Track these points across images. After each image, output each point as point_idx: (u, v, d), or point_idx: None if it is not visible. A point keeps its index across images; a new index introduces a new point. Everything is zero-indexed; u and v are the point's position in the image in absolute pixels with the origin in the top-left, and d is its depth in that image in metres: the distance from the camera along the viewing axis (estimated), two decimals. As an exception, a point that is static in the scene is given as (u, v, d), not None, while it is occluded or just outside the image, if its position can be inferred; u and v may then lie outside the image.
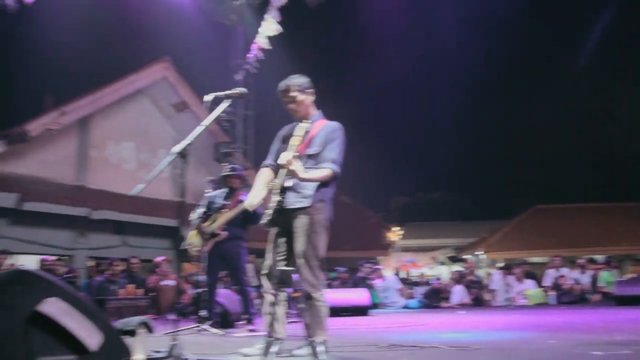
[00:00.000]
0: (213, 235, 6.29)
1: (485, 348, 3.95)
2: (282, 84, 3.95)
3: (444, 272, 22.93)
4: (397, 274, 14.70)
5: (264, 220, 3.85)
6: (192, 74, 16.97)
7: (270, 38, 14.13)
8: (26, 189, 12.79)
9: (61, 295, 2.11)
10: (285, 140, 4.05)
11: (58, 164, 14.17)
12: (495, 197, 35.31)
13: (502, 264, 15.23)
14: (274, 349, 3.72)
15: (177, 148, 3.51)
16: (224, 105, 3.94)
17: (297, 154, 3.67)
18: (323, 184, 3.83)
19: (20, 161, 13.31)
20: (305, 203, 3.78)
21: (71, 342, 2.12)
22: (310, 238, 3.75)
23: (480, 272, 18.17)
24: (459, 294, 12.65)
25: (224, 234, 6.27)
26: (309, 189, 3.81)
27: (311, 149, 3.88)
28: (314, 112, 4.03)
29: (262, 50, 14.48)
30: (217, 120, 3.76)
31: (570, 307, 10.48)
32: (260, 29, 14.07)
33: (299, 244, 3.76)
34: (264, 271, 3.97)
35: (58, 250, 13.61)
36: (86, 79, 16.79)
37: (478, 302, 12.69)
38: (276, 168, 3.94)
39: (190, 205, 3.61)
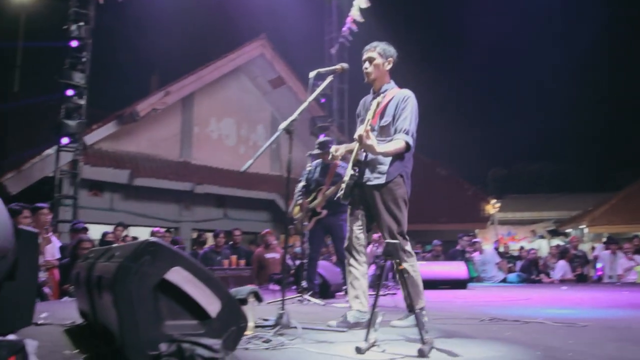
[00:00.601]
0: (314, 212, 6.44)
1: (593, 325, 3.82)
2: (370, 44, 3.95)
3: (543, 246, 22.18)
4: (496, 248, 14.33)
5: (340, 194, 3.89)
6: (288, 50, 17.20)
7: (363, 10, 14.07)
8: (137, 165, 13.62)
9: (184, 265, 2.29)
10: (360, 114, 4.08)
11: (164, 141, 14.96)
12: (600, 168, 33.50)
13: (607, 239, 14.49)
14: (355, 319, 3.80)
15: (284, 124, 3.59)
16: (327, 80, 4.00)
17: (370, 127, 3.63)
18: (398, 156, 3.77)
19: (131, 140, 14.17)
20: (383, 179, 3.77)
21: (193, 308, 2.30)
22: (393, 213, 3.76)
23: (583, 247, 17.41)
24: (562, 268, 12.21)
25: (324, 212, 6.40)
26: (386, 164, 3.78)
27: (383, 120, 3.85)
28: (388, 80, 3.98)
29: (356, 23, 14.45)
30: (312, 91, 3.82)
31: (686, 285, 9.87)
32: (354, 2, 14.03)
33: (382, 220, 3.76)
34: (345, 244, 4.02)
35: (166, 223, 14.42)
36: (188, 59, 17.42)
37: (581, 278, 12.21)
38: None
39: (293, 180, 3.71)
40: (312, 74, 3.84)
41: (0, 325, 1.86)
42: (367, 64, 3.91)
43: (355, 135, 3.57)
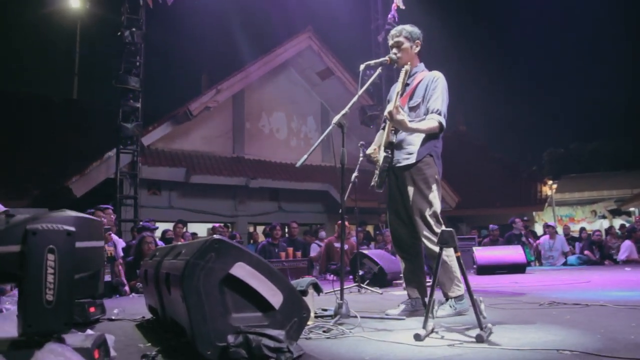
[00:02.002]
0: None
1: (658, 307, 3.74)
2: (395, 29, 3.96)
3: (605, 226, 21.56)
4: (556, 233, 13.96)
5: (373, 182, 3.86)
6: (335, 40, 17.25)
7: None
8: (192, 163, 13.99)
9: (247, 260, 2.40)
10: (390, 100, 4.00)
11: (217, 139, 15.30)
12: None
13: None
14: (412, 307, 3.83)
15: (336, 119, 3.65)
16: (376, 72, 4.02)
17: (399, 104, 3.59)
18: (429, 136, 3.73)
19: (186, 138, 14.55)
20: (412, 159, 3.73)
21: (257, 301, 2.42)
22: (424, 194, 3.69)
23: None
24: (627, 249, 11.82)
25: None
26: (415, 144, 3.75)
27: (412, 101, 3.81)
28: (417, 63, 3.96)
29: (398, 10, 14.34)
30: (364, 82, 3.86)
31: None
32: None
33: (413, 202, 3.71)
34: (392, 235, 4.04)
35: (222, 218, 14.75)
36: (237, 56, 17.70)
37: (646, 259, 11.80)
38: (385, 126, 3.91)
39: (348, 170, 3.78)
40: (362, 67, 3.86)
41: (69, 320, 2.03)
42: (395, 50, 3.88)
43: (385, 113, 3.54)
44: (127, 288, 6.88)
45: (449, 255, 3.59)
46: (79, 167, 12.29)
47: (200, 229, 14.45)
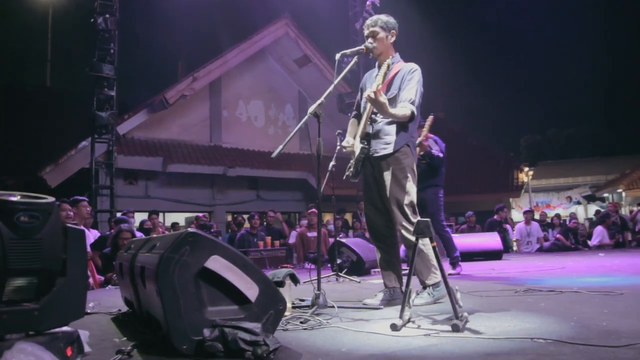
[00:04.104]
0: None
1: (629, 293, 3.79)
2: (370, 18, 3.97)
3: (580, 212, 21.87)
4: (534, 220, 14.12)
5: (348, 172, 3.89)
6: (312, 27, 17.14)
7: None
8: (169, 152, 13.85)
9: (222, 253, 2.38)
10: (364, 88, 4.04)
11: (194, 127, 15.16)
12: (637, 130, 32.70)
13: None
14: (389, 296, 3.85)
15: (312, 109, 3.62)
16: (352, 62, 4.01)
17: (381, 88, 3.60)
18: (402, 127, 3.76)
19: (162, 127, 14.39)
20: (390, 149, 3.76)
21: (233, 294, 2.40)
22: (401, 183, 3.72)
23: (621, 211, 17.09)
24: (599, 234, 12.02)
25: None
26: (392, 134, 3.77)
27: (389, 93, 3.83)
28: (392, 53, 3.97)
29: (377, -3, 14.28)
30: (340, 71, 3.83)
31: None
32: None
33: (390, 191, 3.74)
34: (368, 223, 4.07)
35: (200, 207, 14.67)
36: (213, 43, 17.54)
37: (619, 244, 12.00)
38: (359, 116, 3.98)
39: (326, 158, 3.76)
40: (337, 56, 3.83)
41: (54, 319, 1.98)
42: (370, 39, 3.89)
43: (366, 94, 3.53)
44: (90, 280, 6.79)
45: (426, 243, 3.62)
46: (53, 157, 12.10)
47: (179, 219, 14.36)
